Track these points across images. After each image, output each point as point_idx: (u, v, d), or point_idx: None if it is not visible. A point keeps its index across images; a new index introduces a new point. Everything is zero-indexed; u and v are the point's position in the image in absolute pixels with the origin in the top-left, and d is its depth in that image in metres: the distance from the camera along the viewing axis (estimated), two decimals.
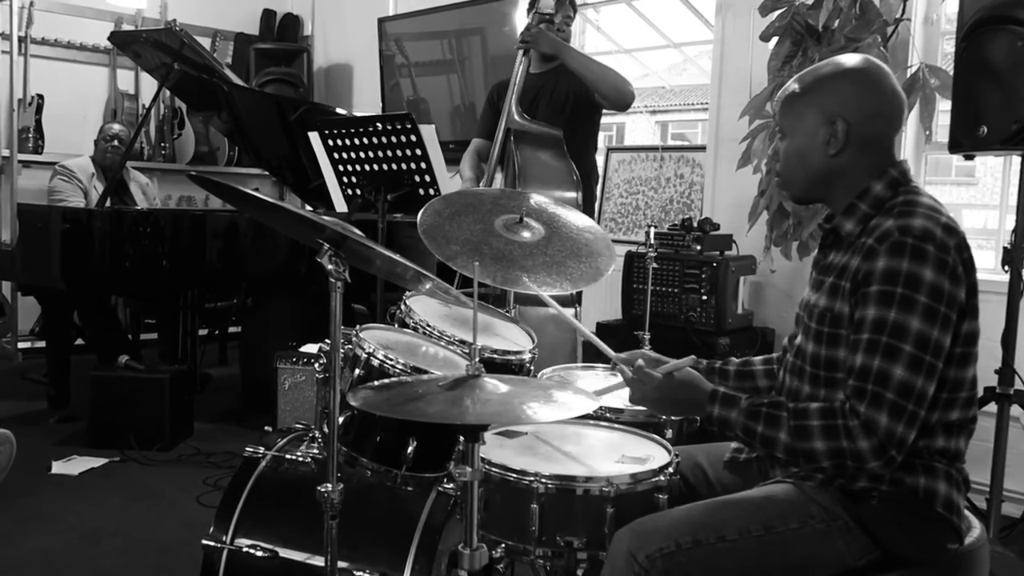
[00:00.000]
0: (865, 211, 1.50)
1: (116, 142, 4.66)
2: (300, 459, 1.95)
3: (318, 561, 1.80)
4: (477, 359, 1.39)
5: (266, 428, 3.17)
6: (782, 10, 3.35)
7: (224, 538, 1.88)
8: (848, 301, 1.45)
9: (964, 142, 2.79)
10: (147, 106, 4.79)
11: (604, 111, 3.42)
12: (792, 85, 1.57)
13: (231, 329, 5.52)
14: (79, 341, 4.63)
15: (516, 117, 3.16)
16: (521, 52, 3.21)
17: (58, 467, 3.46)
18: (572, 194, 3.11)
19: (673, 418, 1.88)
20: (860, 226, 1.49)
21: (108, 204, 4.36)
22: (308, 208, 4.51)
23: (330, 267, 1.51)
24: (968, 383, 1.47)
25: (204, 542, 1.88)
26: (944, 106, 3.12)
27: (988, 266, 3.54)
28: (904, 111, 1.56)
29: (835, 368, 1.48)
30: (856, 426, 1.35)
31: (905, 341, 1.35)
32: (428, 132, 2.84)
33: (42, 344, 4.96)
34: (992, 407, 2.85)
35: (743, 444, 1.47)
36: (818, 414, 1.39)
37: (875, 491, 1.45)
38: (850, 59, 1.55)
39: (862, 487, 1.46)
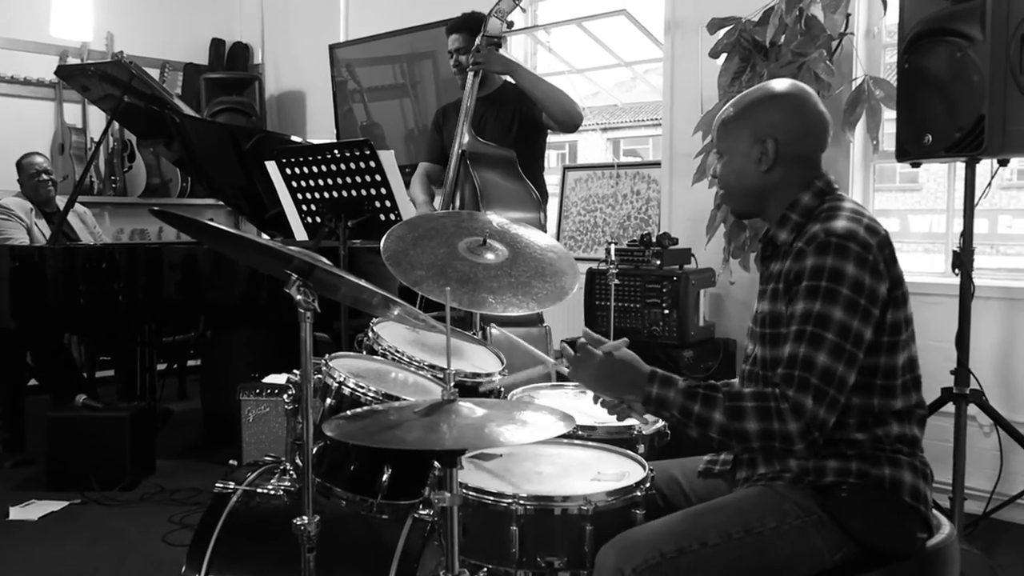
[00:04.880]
0: (796, 220, 1.62)
1: (44, 175, 4.54)
2: (272, 492, 1.92)
3: None
4: (452, 384, 1.39)
5: (231, 462, 3.12)
6: (729, 27, 3.43)
7: None
8: (783, 300, 1.56)
9: (911, 151, 2.87)
10: (96, 140, 4.71)
11: (550, 132, 3.46)
12: (727, 110, 1.69)
13: (190, 363, 5.44)
14: (32, 381, 4.52)
15: (469, 139, 3.18)
16: (471, 74, 3.23)
17: (16, 512, 3.36)
18: (534, 214, 3.14)
19: (638, 422, 1.90)
20: (793, 234, 1.61)
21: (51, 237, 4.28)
22: (265, 237, 4.47)
23: (299, 297, 1.50)
24: (901, 369, 1.55)
25: None
26: (889, 115, 3.21)
27: (938, 270, 3.64)
28: (829, 131, 1.67)
29: None
30: (786, 409, 1.44)
31: (828, 330, 1.46)
32: (387, 158, 2.84)
33: None
34: (950, 407, 2.92)
35: (678, 424, 1.54)
36: (751, 397, 1.48)
37: (844, 484, 1.52)
38: (779, 84, 1.67)
39: (831, 481, 1.53)
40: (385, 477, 1.74)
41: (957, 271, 2.91)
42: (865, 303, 1.47)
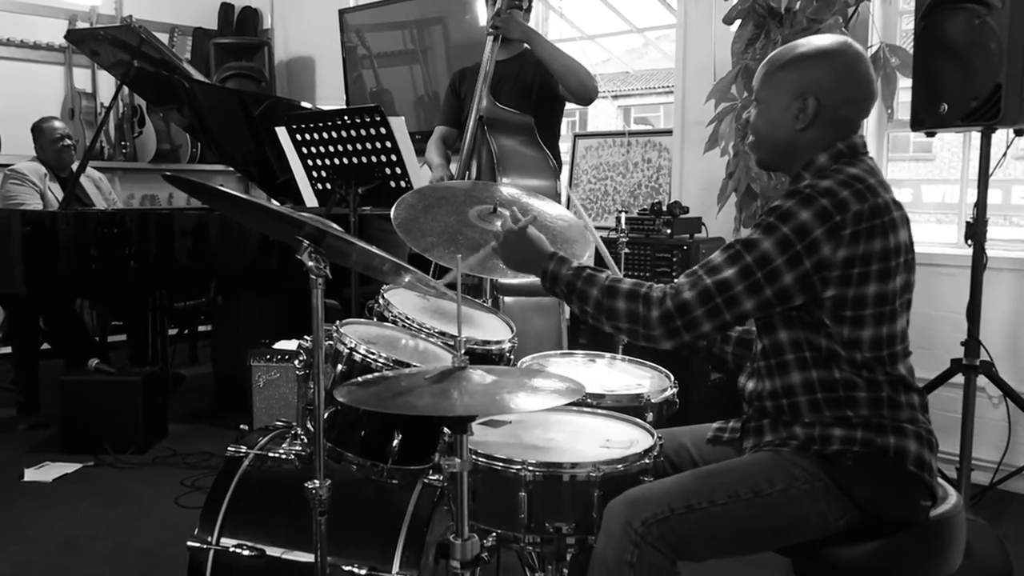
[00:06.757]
0: (807, 180, 1.58)
1: (66, 140, 4.53)
2: (283, 457, 1.94)
3: (305, 557, 1.80)
4: (463, 351, 1.39)
5: (242, 427, 3.15)
6: None
7: (210, 539, 1.88)
8: None
9: (926, 119, 2.84)
10: (106, 105, 4.69)
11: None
12: (774, 58, 1.63)
13: (200, 328, 5.47)
14: (45, 346, 4.55)
15: (487, 103, 3.14)
16: (491, 38, 3.18)
17: (31, 474, 3.41)
18: (551, 182, 3.12)
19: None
20: None
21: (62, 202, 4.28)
22: (275, 204, 4.47)
23: (310, 264, 1.50)
24: (868, 343, 1.51)
25: (190, 543, 1.88)
26: (904, 84, 3.17)
27: (950, 240, 3.62)
28: (874, 99, 1.62)
29: None
30: (656, 297, 1.51)
31: (749, 253, 1.48)
32: (398, 124, 2.82)
33: (7, 350, 4.88)
34: (959, 378, 2.93)
35: (564, 299, 1.64)
36: (630, 282, 1.56)
37: (849, 453, 1.53)
38: (830, 40, 1.61)
39: (836, 450, 1.53)
40: (395, 443, 1.75)
41: (970, 242, 2.90)
42: (801, 248, 1.45)
